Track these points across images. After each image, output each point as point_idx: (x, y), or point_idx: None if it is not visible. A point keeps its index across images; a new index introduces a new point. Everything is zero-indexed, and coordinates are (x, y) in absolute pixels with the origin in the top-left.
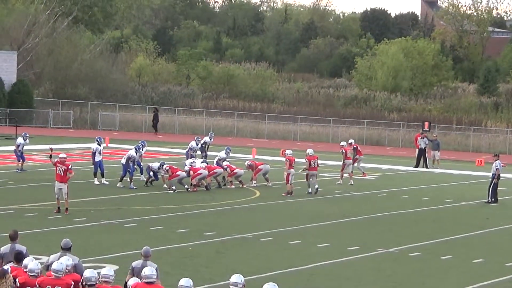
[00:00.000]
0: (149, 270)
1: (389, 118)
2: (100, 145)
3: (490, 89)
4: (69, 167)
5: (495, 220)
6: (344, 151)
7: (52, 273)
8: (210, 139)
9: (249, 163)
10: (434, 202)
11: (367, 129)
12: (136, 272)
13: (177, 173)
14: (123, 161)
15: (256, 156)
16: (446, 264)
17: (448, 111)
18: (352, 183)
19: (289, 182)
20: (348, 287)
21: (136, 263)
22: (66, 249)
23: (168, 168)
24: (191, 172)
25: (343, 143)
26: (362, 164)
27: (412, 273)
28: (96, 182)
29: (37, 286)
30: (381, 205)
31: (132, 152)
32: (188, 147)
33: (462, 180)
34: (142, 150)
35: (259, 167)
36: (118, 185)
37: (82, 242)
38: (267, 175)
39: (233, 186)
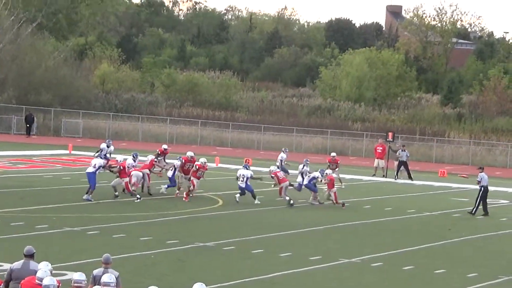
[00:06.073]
0: (108, 278)
1: (353, 128)
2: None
3: (453, 100)
4: None
5: (457, 231)
6: (274, 176)
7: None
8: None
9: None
10: (397, 213)
11: (330, 139)
12: (97, 280)
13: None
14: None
15: (220, 165)
16: (408, 274)
17: (412, 121)
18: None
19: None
20: None
21: (97, 271)
22: (29, 256)
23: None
24: (120, 167)
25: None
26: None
27: (374, 283)
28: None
29: None
30: (343, 215)
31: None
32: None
33: (425, 191)
34: (135, 161)
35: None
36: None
37: (45, 249)
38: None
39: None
